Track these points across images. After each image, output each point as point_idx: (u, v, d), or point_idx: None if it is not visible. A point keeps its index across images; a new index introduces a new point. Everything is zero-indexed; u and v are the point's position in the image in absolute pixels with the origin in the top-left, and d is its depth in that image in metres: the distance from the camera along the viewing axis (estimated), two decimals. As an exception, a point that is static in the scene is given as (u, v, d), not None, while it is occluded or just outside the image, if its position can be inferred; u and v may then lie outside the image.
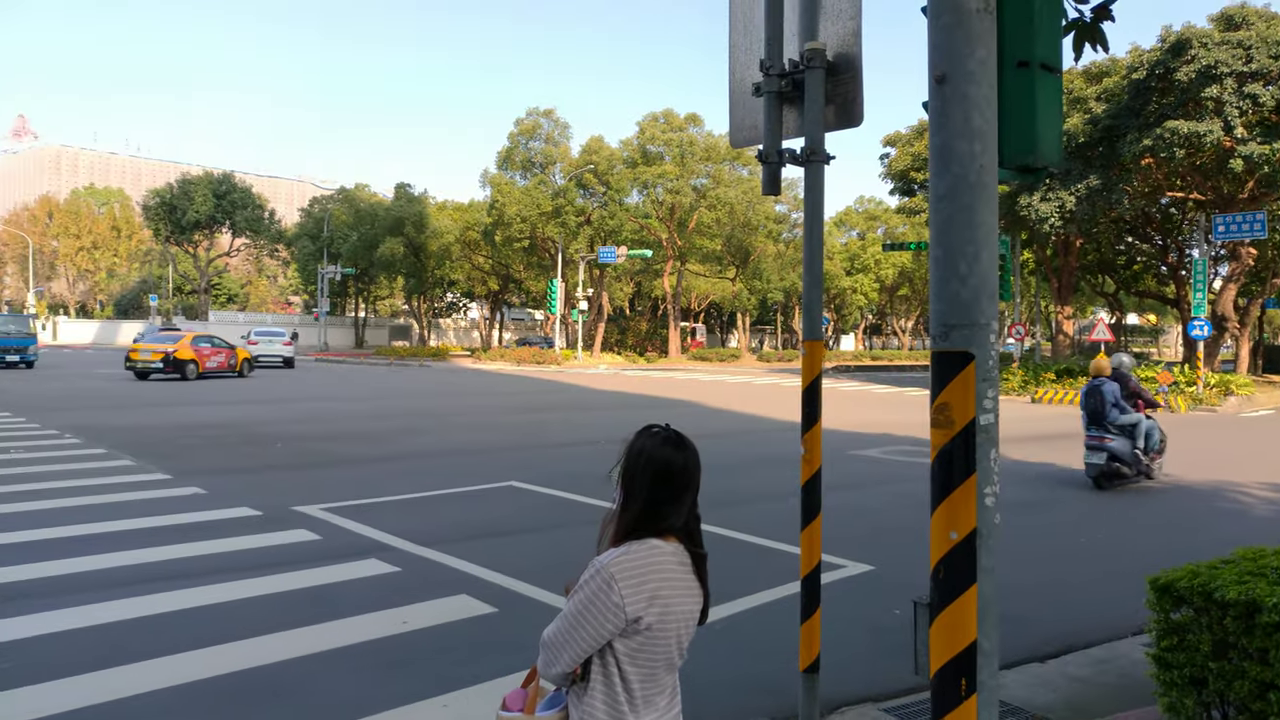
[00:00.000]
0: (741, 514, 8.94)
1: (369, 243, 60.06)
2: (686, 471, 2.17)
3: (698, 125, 52.31)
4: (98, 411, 18.42)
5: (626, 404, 23.48)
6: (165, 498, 9.33)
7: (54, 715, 4.16)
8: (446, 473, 11.43)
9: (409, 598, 6.05)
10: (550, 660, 2.13)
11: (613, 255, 47.39)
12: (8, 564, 6.58)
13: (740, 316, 69.32)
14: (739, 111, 4.18)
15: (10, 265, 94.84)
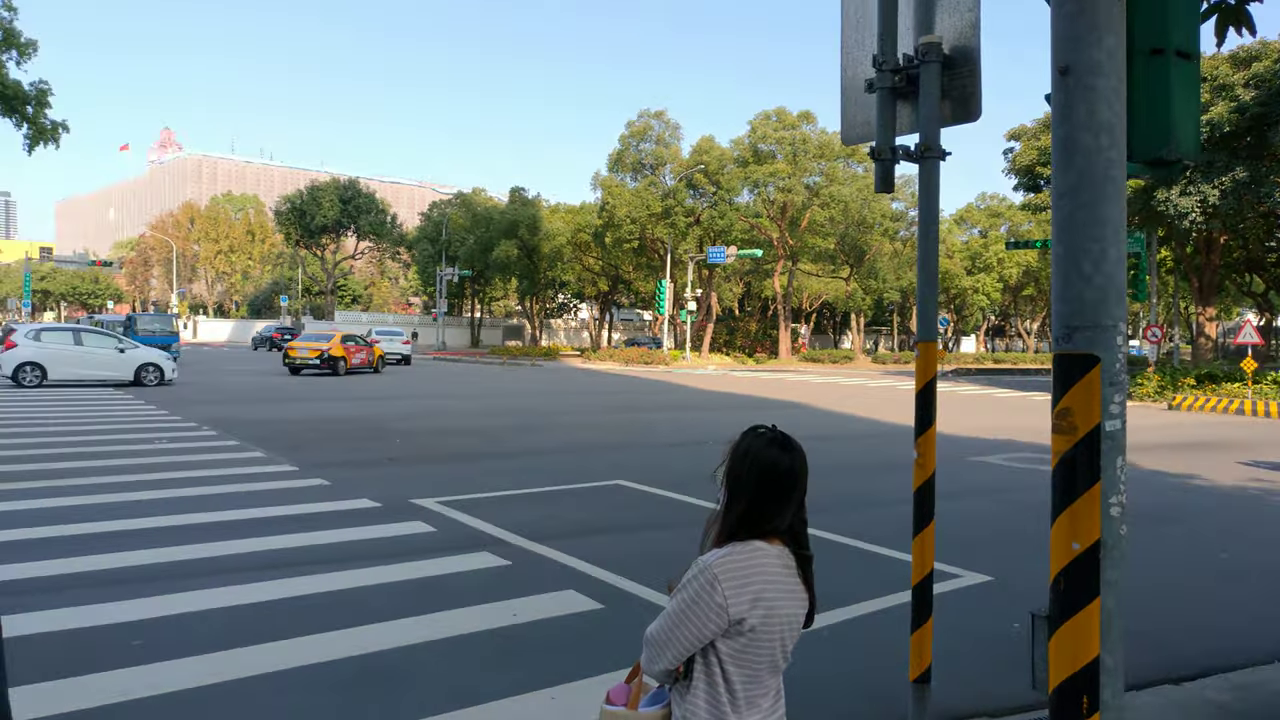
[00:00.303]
0: (850, 519, 8.77)
1: (485, 245, 61.65)
2: (793, 473, 2.14)
3: (811, 123, 51.60)
4: (233, 405, 19.51)
5: (734, 405, 23.37)
6: (292, 488, 9.79)
7: (184, 690, 4.42)
8: (556, 470, 11.62)
9: (518, 591, 6.17)
10: (653, 657, 2.14)
11: (722, 255, 47.21)
12: (145, 548, 7.02)
13: (854, 317, 68.00)
14: (851, 108, 4.11)
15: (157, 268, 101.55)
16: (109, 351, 24.53)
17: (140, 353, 24.98)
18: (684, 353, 50.60)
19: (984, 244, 67.00)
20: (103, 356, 24.39)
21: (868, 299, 65.06)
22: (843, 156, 50.97)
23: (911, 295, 64.36)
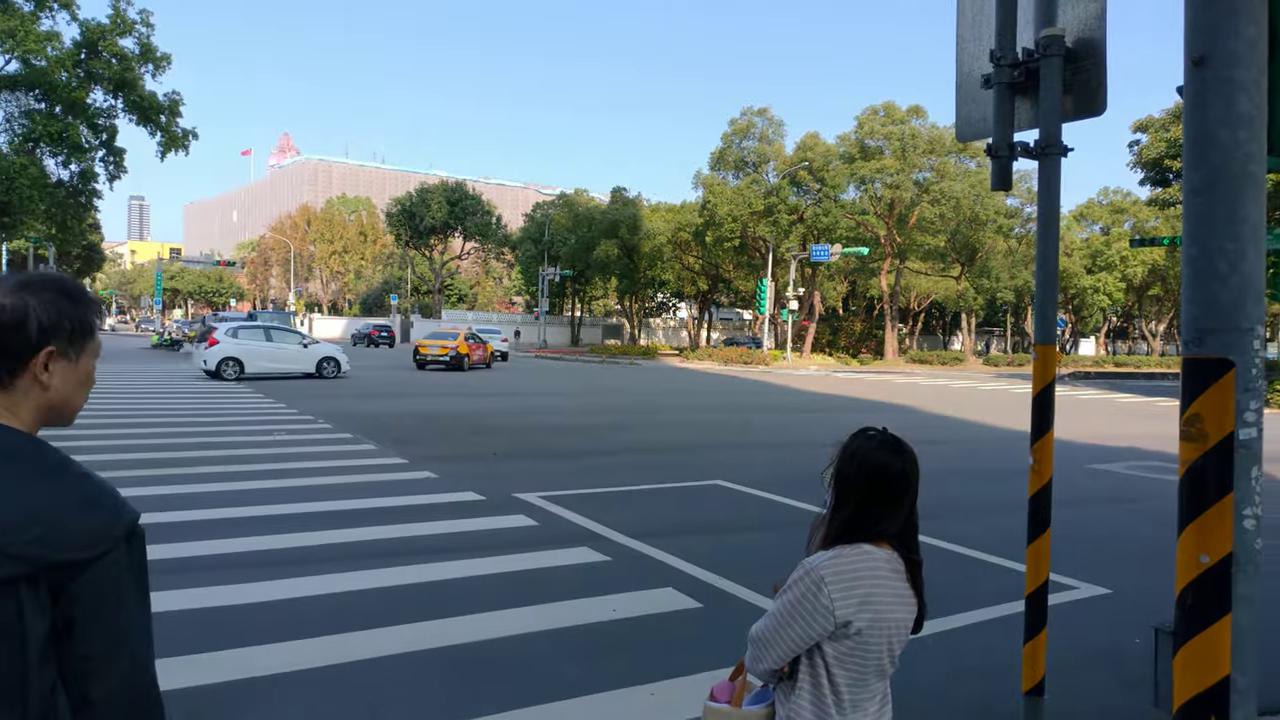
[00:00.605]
0: (958, 525, 8.53)
1: (586, 245, 62.35)
2: (904, 477, 2.11)
3: (920, 117, 50.28)
4: (347, 400, 20.30)
5: (836, 406, 23.01)
6: (401, 480, 10.13)
7: (298, 671, 4.63)
8: (655, 468, 11.68)
9: (618, 586, 6.23)
10: (757, 656, 2.14)
11: (826, 253, 46.44)
12: (262, 534, 7.39)
13: (965, 317, 65.97)
14: (966, 104, 4.01)
15: (276, 267, 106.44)
16: (295, 347, 26.61)
17: (320, 348, 27.09)
18: (784, 353, 50.04)
19: (1105, 241, 63.99)
20: (290, 352, 26.45)
21: (979, 299, 62.99)
22: (954, 151, 49.48)
23: (1026, 295, 62.13)
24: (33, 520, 1.36)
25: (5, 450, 1.41)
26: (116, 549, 1.41)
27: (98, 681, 1.41)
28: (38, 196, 34.70)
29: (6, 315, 1.43)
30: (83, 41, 35.53)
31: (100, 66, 35.69)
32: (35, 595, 1.36)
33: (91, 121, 37.20)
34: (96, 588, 1.40)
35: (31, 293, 1.46)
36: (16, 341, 1.44)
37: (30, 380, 1.46)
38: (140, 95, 37.31)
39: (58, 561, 1.37)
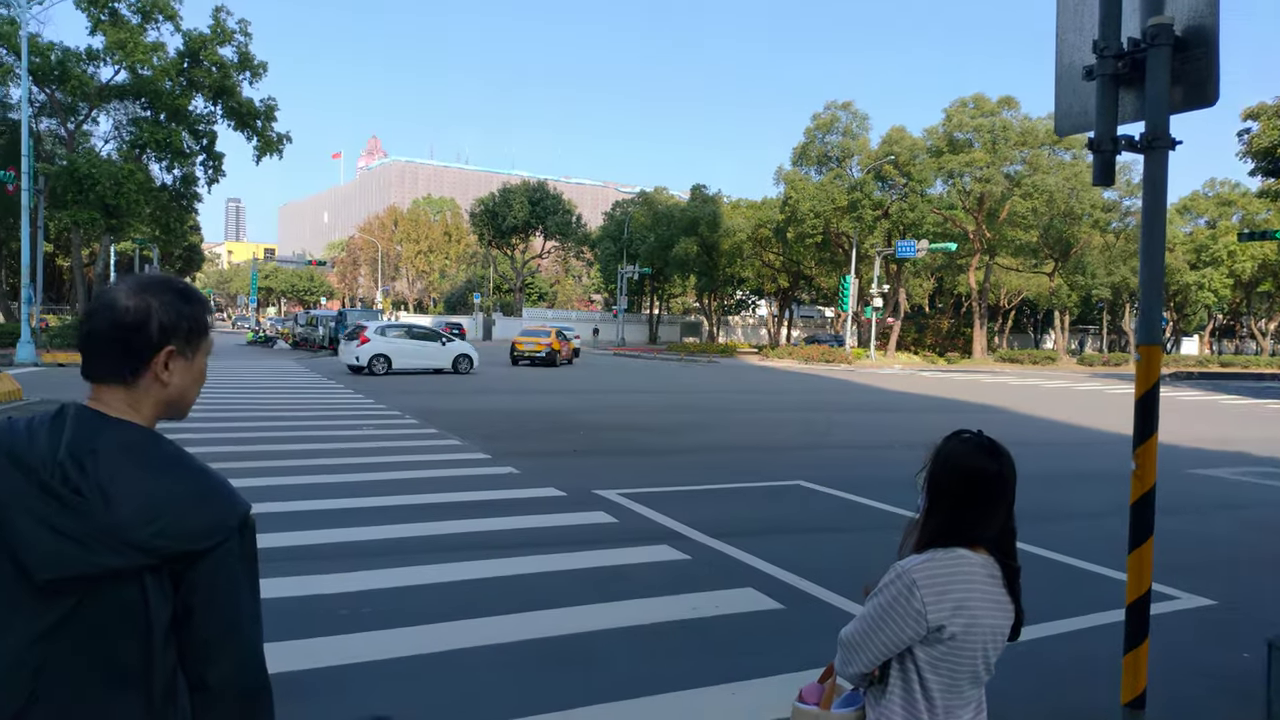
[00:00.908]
0: (1051, 531, 8.24)
1: (665, 243, 62.35)
2: (1001, 480, 2.05)
3: (1012, 109, 48.75)
4: (432, 396, 20.72)
5: (922, 406, 22.49)
6: (485, 475, 10.28)
7: (399, 658, 4.72)
8: (734, 467, 11.59)
9: (698, 585, 6.19)
10: (847, 659, 2.11)
11: (912, 249, 45.41)
12: (358, 525, 7.58)
13: (1058, 315, 63.70)
14: (1066, 97, 3.85)
15: (364, 267, 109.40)
16: (435, 345, 28.20)
17: (456, 345, 28.59)
18: (868, 351, 49.16)
19: (1211, 235, 60.95)
20: (430, 349, 28.05)
21: (1074, 295, 60.81)
22: (1048, 144, 47.82)
23: (1124, 292, 59.74)
24: (155, 512, 1.42)
25: (127, 444, 1.47)
26: (231, 539, 1.48)
27: (213, 665, 1.48)
28: (144, 200, 36.42)
29: (130, 317, 1.50)
30: (185, 51, 37.13)
31: (201, 75, 37.26)
32: (159, 584, 1.43)
33: (193, 128, 38.87)
34: (213, 577, 1.46)
35: (152, 294, 1.52)
36: (140, 341, 1.50)
37: (151, 378, 1.52)
38: (238, 101, 38.82)
39: (178, 552, 1.43)
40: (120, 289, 1.53)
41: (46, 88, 36.26)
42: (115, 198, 34.34)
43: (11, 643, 1.42)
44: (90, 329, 1.51)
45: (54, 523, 1.39)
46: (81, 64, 35.67)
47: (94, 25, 35.47)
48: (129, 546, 1.39)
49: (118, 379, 1.51)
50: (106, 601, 1.41)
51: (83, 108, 38.41)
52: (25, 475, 1.42)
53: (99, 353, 1.51)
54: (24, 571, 1.40)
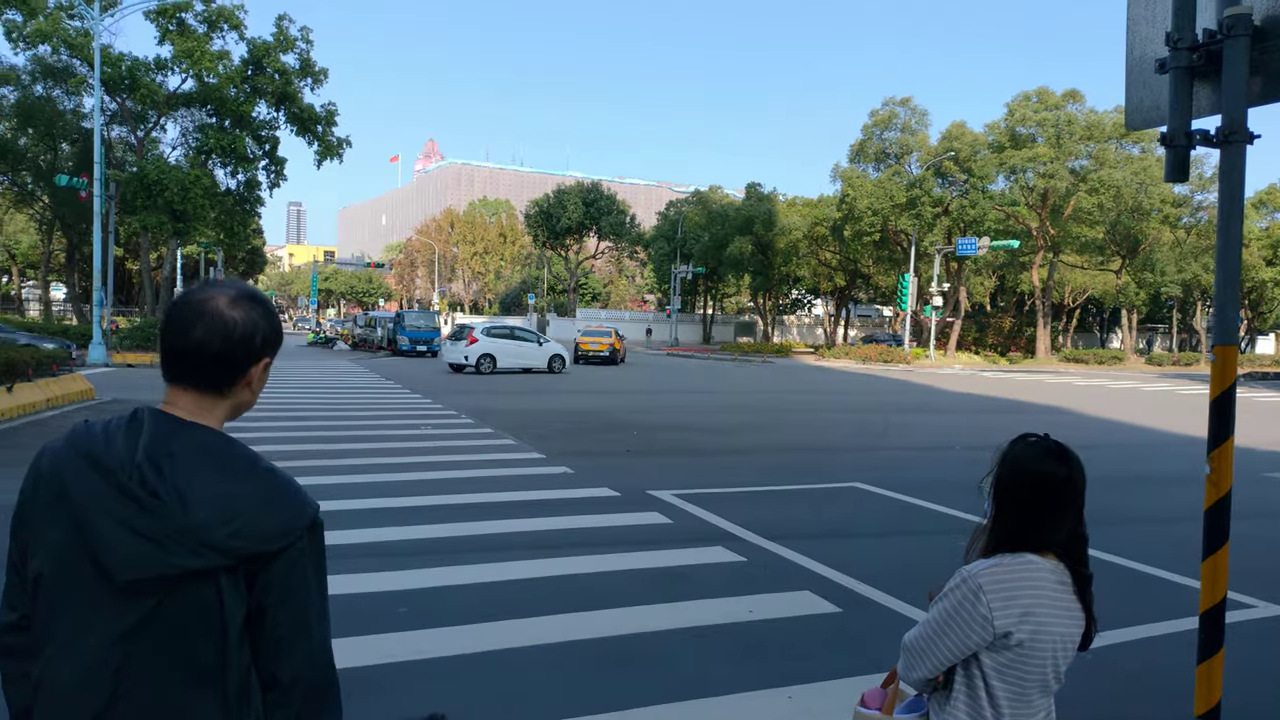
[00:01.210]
0: (1118, 536, 8.01)
1: (719, 242, 62.08)
2: (1070, 485, 1.99)
3: (1077, 102, 47.49)
4: (488, 396, 20.92)
5: (984, 407, 22.05)
6: (539, 475, 10.33)
7: (442, 658, 4.76)
8: (790, 469, 11.48)
9: (754, 588, 6.14)
10: (911, 664, 2.07)
11: (973, 247, 44.51)
12: (413, 524, 7.66)
13: (1125, 313, 61.89)
14: (1138, 91, 3.71)
15: (421, 268, 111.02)
16: (532, 345, 29.73)
17: (551, 346, 30.17)
18: (927, 351, 48.35)
19: (1288, 230, 58.78)
20: (529, 350, 29.60)
21: (1141, 293, 59.01)
22: (1114, 137, 46.50)
23: (1195, 289, 57.82)
24: (231, 514, 1.44)
25: (203, 448, 1.49)
26: (302, 539, 1.50)
27: (285, 662, 1.50)
28: (209, 205, 37.45)
29: (240, 330, 1.52)
30: (249, 59, 38.08)
31: (264, 81, 38.17)
32: (234, 584, 1.45)
33: (256, 133, 39.85)
34: (285, 577, 1.49)
35: (252, 306, 1.55)
36: (245, 353, 1.53)
37: (243, 385, 1.56)
38: (300, 107, 39.69)
39: (253, 553, 1.45)
40: (218, 299, 1.53)
41: (117, 97, 37.48)
42: (182, 202, 35.36)
43: (93, 643, 1.45)
44: (197, 339, 1.50)
45: (133, 524, 1.41)
46: (150, 73, 36.82)
47: (162, 35, 36.59)
48: (206, 548, 1.42)
49: (213, 387, 1.53)
50: (185, 602, 1.44)
51: (151, 115, 39.62)
52: (104, 478, 1.44)
53: (202, 361, 1.51)
54: (105, 573, 1.43)
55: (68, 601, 1.47)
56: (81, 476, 1.46)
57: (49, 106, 39.01)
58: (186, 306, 1.54)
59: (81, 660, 1.45)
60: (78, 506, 1.45)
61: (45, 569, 1.48)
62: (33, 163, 41.29)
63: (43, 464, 1.52)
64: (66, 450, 1.50)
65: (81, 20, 33.45)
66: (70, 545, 1.46)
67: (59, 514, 1.47)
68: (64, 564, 1.47)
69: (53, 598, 1.48)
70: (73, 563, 1.46)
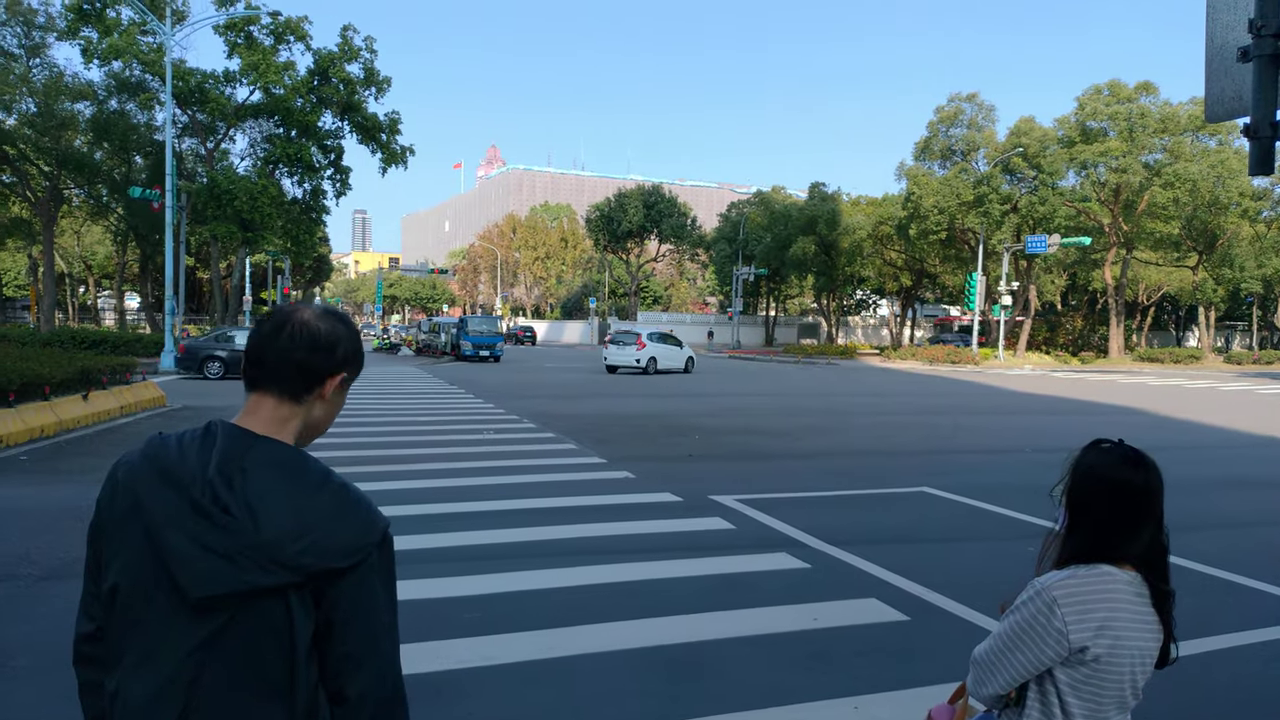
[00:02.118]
0: (1200, 541, 7.71)
1: (781, 243, 61.58)
2: (1148, 494, 1.92)
3: (1151, 94, 45.95)
4: (549, 400, 21.06)
5: (1056, 409, 21.46)
6: (601, 480, 10.34)
7: (513, 664, 4.78)
8: (855, 473, 11.30)
9: (819, 595, 6.05)
10: (981, 680, 2.01)
11: (1043, 245, 43.36)
12: (474, 529, 7.72)
13: (1202, 311, 59.75)
14: (1219, 81, 3.56)
15: (484, 274, 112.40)
16: (676, 349, 35.25)
17: (686, 350, 35.84)
18: (996, 351, 47.26)
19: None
20: (675, 352, 35.22)
21: (1220, 290, 56.91)
22: (1190, 130, 44.90)
23: (1276, 285, 55.56)
24: (301, 531, 1.44)
25: (276, 462, 1.50)
26: (372, 556, 1.50)
27: (353, 678, 1.50)
28: (276, 213, 38.47)
29: (324, 339, 1.57)
30: (315, 69, 39.05)
31: (329, 91, 39.09)
32: (302, 601, 1.46)
33: (321, 143, 40.81)
34: (355, 592, 1.49)
35: (339, 322, 1.61)
36: (326, 362, 1.57)
37: (317, 397, 1.59)
38: (364, 116, 40.54)
39: (323, 569, 1.45)
40: (306, 312, 1.59)
41: (188, 110, 38.75)
42: (251, 211, 36.38)
43: (166, 658, 1.46)
44: (282, 343, 1.55)
45: (205, 540, 1.42)
46: (219, 86, 38.00)
47: (231, 49, 37.74)
48: (277, 565, 1.42)
49: (290, 394, 1.56)
50: (255, 618, 1.45)
51: (220, 127, 40.85)
52: (177, 493, 1.46)
53: (283, 367, 1.55)
54: (178, 588, 1.44)
55: (141, 616, 1.48)
56: (155, 490, 1.48)
57: (123, 121, 40.47)
58: (275, 315, 1.59)
59: (155, 676, 1.47)
60: (151, 521, 1.47)
61: (120, 582, 1.50)
62: (108, 176, 42.88)
63: (119, 475, 1.54)
64: (141, 463, 1.52)
65: (154, 36, 34.67)
66: (144, 560, 1.48)
67: (133, 528, 1.49)
68: (138, 578, 1.49)
69: (127, 611, 1.50)
70: (147, 577, 1.48)
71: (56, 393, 14.05)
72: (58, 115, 37.27)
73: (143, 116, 41.81)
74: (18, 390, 12.92)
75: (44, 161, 39.89)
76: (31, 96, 37.22)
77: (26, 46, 39.62)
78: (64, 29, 36.66)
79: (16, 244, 54.17)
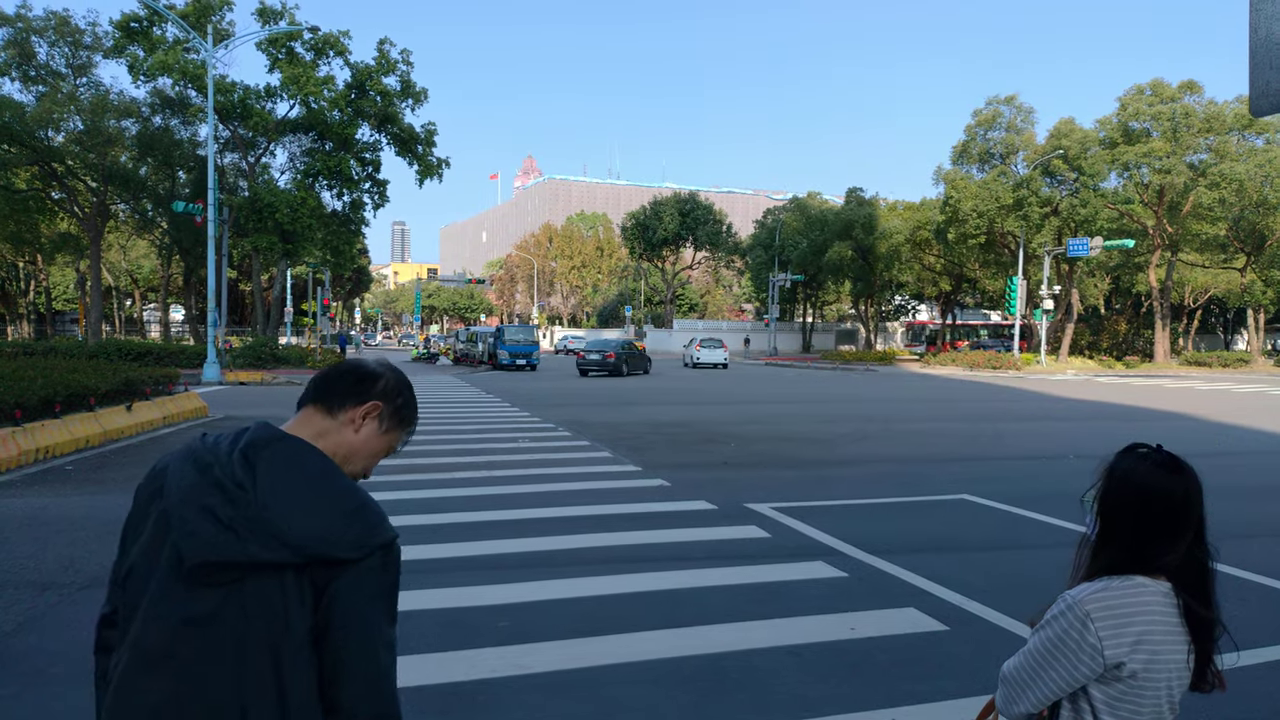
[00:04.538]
0: (1245, 549, 7.48)
1: (818, 248, 61.15)
2: (1184, 502, 1.83)
3: (1195, 93, 44.99)
4: (582, 409, 21.07)
5: (1100, 415, 21.04)
6: (636, 488, 10.30)
7: (544, 673, 4.74)
8: (894, 480, 11.15)
9: (856, 604, 5.95)
10: (1011, 698, 1.93)
11: (1085, 248, 42.60)
12: (508, 538, 7.72)
13: (1251, 313, 58.26)
14: (1263, 73, 3.43)
15: (520, 284, 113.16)
16: (721, 351, 47.95)
17: (722, 351, 48.08)
18: (1038, 356, 46.50)
19: None
20: (719, 354, 47.84)
21: (1269, 292, 55.42)
22: (1236, 129, 43.88)
23: (1328, 286, 53.99)
24: (308, 514, 1.52)
25: (297, 451, 1.60)
26: (373, 557, 1.53)
27: (346, 686, 1.52)
28: (316, 225, 39.02)
29: (369, 370, 1.78)
30: (353, 82, 39.59)
31: (367, 104, 39.62)
32: (299, 589, 1.50)
33: (359, 155, 41.35)
34: (352, 592, 1.51)
35: (392, 369, 1.80)
36: (363, 386, 1.74)
37: (349, 418, 1.71)
38: (401, 128, 41.02)
39: (322, 555, 1.50)
40: (371, 359, 1.82)
41: (230, 124, 39.47)
42: (291, 223, 36.93)
43: (157, 631, 1.51)
44: (337, 369, 1.78)
45: (216, 511, 1.50)
46: (260, 100, 38.67)
47: (272, 64, 38.40)
48: (277, 541, 1.48)
49: (326, 406, 1.71)
50: (249, 600, 1.48)
51: (261, 141, 41.55)
52: (200, 472, 1.54)
53: (330, 381, 1.75)
54: (179, 558, 1.50)
55: (143, 591, 1.54)
56: (180, 472, 1.56)
57: (167, 137, 41.35)
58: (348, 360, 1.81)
59: (141, 651, 1.51)
60: (169, 499, 1.54)
61: (135, 561, 1.58)
62: (153, 191, 43.82)
63: (156, 466, 1.65)
64: (178, 454, 1.63)
65: (197, 54, 35.38)
66: (155, 536, 1.55)
67: (155, 508, 1.57)
68: (147, 554, 1.55)
69: (134, 590, 1.56)
70: (153, 552, 1.54)
71: (101, 404, 14.33)
72: (104, 132, 38.19)
73: (186, 133, 42.69)
74: (64, 401, 13.20)
75: (91, 177, 40.89)
76: (79, 114, 38.18)
77: (74, 65, 40.69)
78: (110, 47, 37.58)
79: (65, 259, 55.59)
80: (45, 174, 39.82)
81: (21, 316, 69.73)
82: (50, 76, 39.70)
